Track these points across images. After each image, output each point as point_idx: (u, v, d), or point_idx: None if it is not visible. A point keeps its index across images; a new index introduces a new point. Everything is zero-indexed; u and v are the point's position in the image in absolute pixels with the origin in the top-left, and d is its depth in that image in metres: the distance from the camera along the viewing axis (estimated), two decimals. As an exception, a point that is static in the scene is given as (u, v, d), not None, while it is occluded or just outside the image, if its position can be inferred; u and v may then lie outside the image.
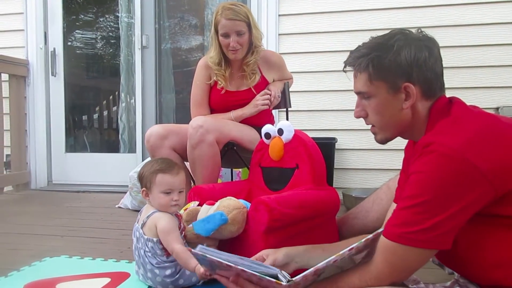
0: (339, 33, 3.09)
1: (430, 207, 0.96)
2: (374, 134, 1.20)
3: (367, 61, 1.10)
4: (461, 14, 2.92)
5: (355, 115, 1.20)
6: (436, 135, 1.01)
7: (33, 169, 3.59)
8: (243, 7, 2.08)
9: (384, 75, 1.09)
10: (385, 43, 1.09)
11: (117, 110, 3.82)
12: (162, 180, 1.40)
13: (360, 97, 1.17)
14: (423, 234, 0.97)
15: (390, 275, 1.04)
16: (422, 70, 1.07)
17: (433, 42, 1.11)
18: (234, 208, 1.44)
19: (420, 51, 1.07)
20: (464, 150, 0.95)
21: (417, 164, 1.01)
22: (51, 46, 3.63)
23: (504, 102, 2.86)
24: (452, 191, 0.95)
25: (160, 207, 1.42)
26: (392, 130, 1.15)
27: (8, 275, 1.54)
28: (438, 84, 1.11)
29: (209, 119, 2.00)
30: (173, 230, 1.38)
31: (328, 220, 1.66)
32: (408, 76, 1.07)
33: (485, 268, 1.02)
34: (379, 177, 2.99)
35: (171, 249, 1.35)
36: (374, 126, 1.17)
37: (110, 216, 2.59)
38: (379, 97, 1.11)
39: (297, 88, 2.71)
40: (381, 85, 1.10)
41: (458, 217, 0.96)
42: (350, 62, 1.15)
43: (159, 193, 1.40)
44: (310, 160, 1.65)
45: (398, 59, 1.07)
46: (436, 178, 0.96)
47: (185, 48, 3.84)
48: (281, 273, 1.10)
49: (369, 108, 1.15)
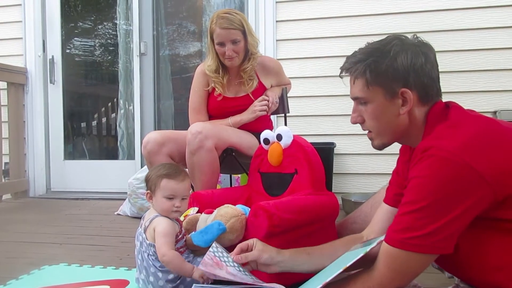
0: (336, 38, 3.10)
1: (431, 212, 0.96)
2: (371, 140, 1.20)
3: (364, 66, 1.10)
4: (459, 19, 2.93)
5: (352, 120, 1.20)
6: (435, 140, 1.01)
7: (32, 176, 3.59)
8: (237, 15, 2.08)
9: (381, 80, 1.09)
10: (381, 48, 1.10)
11: (115, 117, 3.82)
12: (166, 185, 1.40)
13: (357, 103, 1.17)
14: (425, 239, 0.97)
15: (393, 281, 1.04)
16: (419, 76, 1.08)
17: (429, 47, 1.12)
18: (231, 216, 1.44)
19: (416, 56, 1.07)
20: (464, 153, 0.95)
21: (417, 168, 1.01)
22: (50, 54, 3.64)
23: (501, 106, 2.86)
24: (453, 195, 0.95)
25: (162, 211, 1.42)
26: (389, 135, 1.16)
27: (6, 284, 1.53)
28: (434, 89, 1.11)
29: (208, 125, 2.01)
30: (169, 235, 1.37)
31: (327, 225, 1.66)
32: (405, 82, 1.08)
33: (486, 271, 1.02)
34: (378, 181, 2.99)
35: (162, 253, 1.33)
36: (371, 131, 1.17)
37: (109, 223, 2.58)
38: (376, 102, 1.12)
39: (295, 94, 2.72)
40: (378, 91, 1.10)
41: (459, 221, 0.96)
42: (346, 68, 1.15)
43: (162, 198, 1.41)
44: (309, 165, 1.65)
45: (395, 65, 1.07)
46: (436, 183, 0.96)
47: (183, 55, 3.85)
48: None
49: (366, 113, 1.15)
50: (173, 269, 1.35)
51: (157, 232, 1.37)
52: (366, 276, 1.08)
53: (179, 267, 1.33)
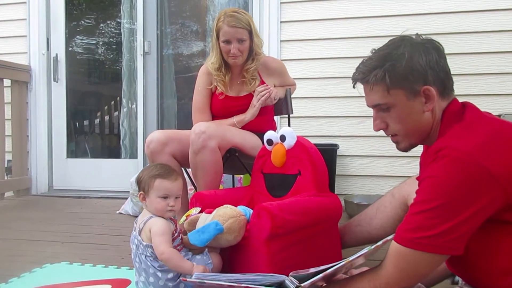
0: (340, 39, 3.09)
1: (443, 212, 0.96)
2: (396, 143, 1.18)
3: (383, 72, 1.08)
4: (463, 22, 2.92)
5: (375, 128, 1.18)
6: (449, 140, 1.01)
7: (34, 174, 3.59)
8: (245, 15, 2.09)
9: (401, 83, 1.08)
10: (394, 52, 1.09)
11: (118, 115, 3.82)
12: (160, 185, 1.42)
13: (377, 110, 1.15)
14: (436, 239, 0.96)
15: (401, 280, 1.03)
16: (436, 71, 1.08)
17: (436, 43, 1.12)
18: (230, 217, 1.43)
19: (429, 53, 1.08)
20: (477, 154, 0.95)
21: (430, 169, 1.01)
22: (53, 52, 3.65)
23: (506, 110, 2.85)
24: (465, 196, 0.95)
25: (156, 211, 1.42)
26: (416, 135, 1.14)
27: (8, 282, 1.53)
28: (450, 82, 1.12)
29: (211, 125, 2.00)
30: (165, 233, 1.38)
31: (330, 227, 1.66)
32: (424, 80, 1.07)
33: (494, 275, 1.02)
34: (381, 183, 2.99)
35: (161, 251, 1.33)
36: (397, 135, 1.16)
37: (111, 222, 2.58)
38: (399, 106, 1.10)
39: (299, 95, 2.71)
40: (400, 94, 1.09)
41: (471, 222, 0.96)
42: (361, 78, 1.13)
43: (156, 198, 1.41)
44: (312, 167, 1.65)
45: (412, 65, 1.07)
46: (448, 183, 0.96)
47: (187, 54, 3.85)
48: (288, 279, 1.09)
49: (390, 118, 1.13)
50: (173, 267, 1.35)
51: (153, 232, 1.37)
52: (373, 274, 1.08)
53: (179, 264, 1.33)
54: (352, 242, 1.68)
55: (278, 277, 1.11)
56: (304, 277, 1.08)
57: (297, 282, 1.06)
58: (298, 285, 1.05)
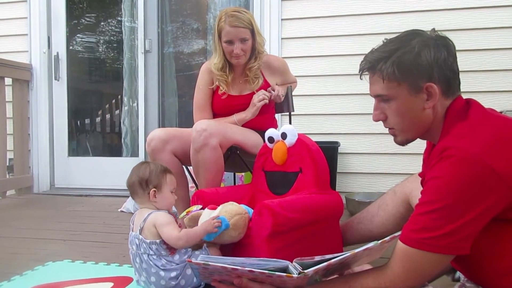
0: (341, 37, 3.08)
1: (449, 212, 0.96)
2: (393, 136, 1.18)
3: (390, 63, 1.08)
4: (465, 18, 2.91)
5: (374, 118, 1.17)
6: (454, 140, 1.01)
7: (36, 173, 3.59)
8: (246, 14, 2.08)
9: (406, 76, 1.07)
10: (404, 45, 1.08)
11: (119, 114, 3.83)
12: (171, 180, 1.48)
13: (379, 100, 1.15)
14: (442, 240, 0.96)
15: (406, 280, 1.03)
16: (442, 70, 1.07)
17: (449, 41, 1.10)
18: (236, 213, 1.44)
19: (439, 50, 1.07)
20: (482, 154, 0.94)
21: (435, 169, 1.00)
22: (55, 50, 3.64)
23: (507, 107, 2.84)
24: (471, 196, 0.95)
25: (168, 205, 1.47)
26: (414, 131, 1.14)
27: (10, 280, 1.54)
28: (456, 82, 1.10)
29: (212, 123, 2.00)
30: (172, 222, 1.40)
31: (332, 225, 1.66)
32: (429, 76, 1.06)
33: (499, 275, 1.01)
34: (382, 181, 2.98)
35: (176, 237, 1.35)
36: (394, 128, 1.16)
37: (113, 220, 2.59)
38: (400, 99, 1.10)
39: (300, 92, 2.71)
40: (403, 87, 1.08)
41: (477, 222, 0.95)
42: (369, 66, 1.13)
43: (169, 192, 1.46)
44: (313, 164, 1.65)
45: (419, 60, 1.06)
46: (454, 183, 0.96)
47: (188, 52, 3.84)
48: (292, 264, 1.09)
49: (389, 110, 1.13)
50: (193, 242, 1.39)
51: (159, 224, 1.38)
52: (378, 272, 1.08)
53: (195, 236, 1.37)
54: (353, 240, 1.68)
55: (282, 262, 1.11)
56: (309, 264, 1.08)
57: (300, 268, 1.06)
58: (301, 271, 1.05)
